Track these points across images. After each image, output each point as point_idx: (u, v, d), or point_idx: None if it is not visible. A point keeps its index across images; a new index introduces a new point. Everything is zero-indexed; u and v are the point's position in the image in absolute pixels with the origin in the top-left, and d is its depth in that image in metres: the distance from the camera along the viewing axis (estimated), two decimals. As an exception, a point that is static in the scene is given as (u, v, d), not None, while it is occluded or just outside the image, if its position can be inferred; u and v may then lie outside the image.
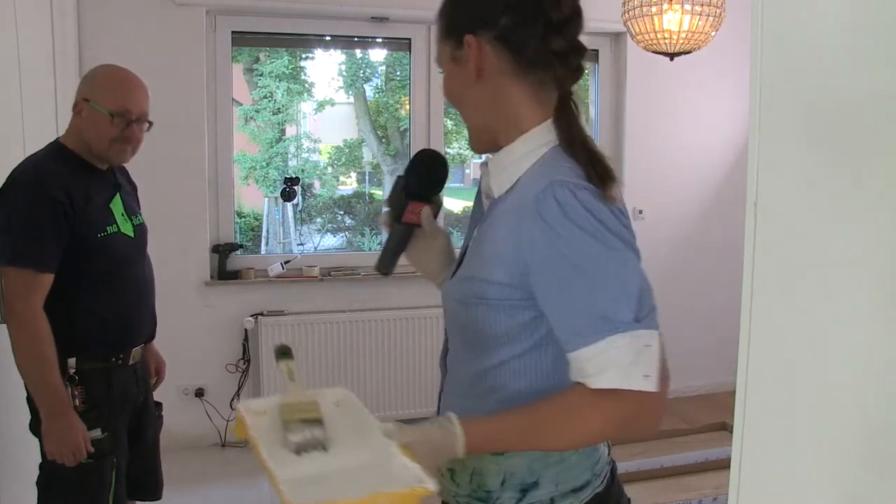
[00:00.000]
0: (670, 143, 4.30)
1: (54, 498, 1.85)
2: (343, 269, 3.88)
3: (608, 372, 0.90)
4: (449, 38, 1.06)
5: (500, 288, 0.99)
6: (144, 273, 2.03)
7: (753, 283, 0.75)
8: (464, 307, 1.04)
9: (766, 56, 0.73)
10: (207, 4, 3.56)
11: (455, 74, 1.06)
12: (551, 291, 0.95)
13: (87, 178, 1.87)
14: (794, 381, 0.72)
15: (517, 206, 0.98)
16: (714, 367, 4.42)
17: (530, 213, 0.94)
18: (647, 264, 1.00)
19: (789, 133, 0.72)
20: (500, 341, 1.02)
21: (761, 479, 0.75)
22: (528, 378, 1.02)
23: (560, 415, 0.96)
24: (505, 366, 1.02)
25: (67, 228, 1.77)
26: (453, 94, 1.09)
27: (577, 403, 0.94)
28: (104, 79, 1.90)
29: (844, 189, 0.67)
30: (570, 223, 0.92)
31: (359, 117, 4.81)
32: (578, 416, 0.95)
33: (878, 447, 0.64)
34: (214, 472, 3.41)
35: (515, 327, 1.00)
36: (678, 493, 3.13)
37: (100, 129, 1.84)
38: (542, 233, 0.93)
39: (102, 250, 1.86)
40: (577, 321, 0.92)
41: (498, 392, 1.03)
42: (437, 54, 1.09)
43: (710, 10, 2.85)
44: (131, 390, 2.00)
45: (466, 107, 1.08)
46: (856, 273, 0.65)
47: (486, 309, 1.01)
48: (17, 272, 1.74)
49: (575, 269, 0.92)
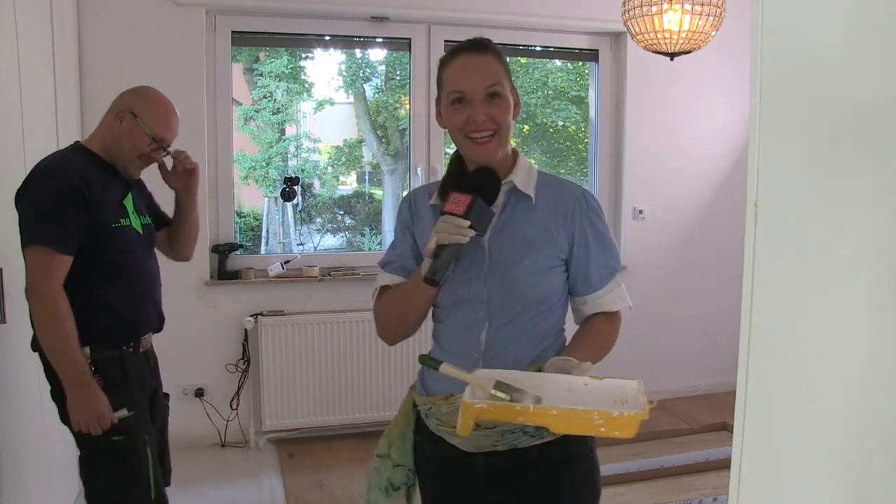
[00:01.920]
0: (670, 143, 4.30)
1: (102, 481, 1.94)
2: (343, 269, 3.88)
3: (621, 300, 1.49)
4: (509, 80, 1.43)
5: (559, 258, 1.44)
6: (152, 267, 2.16)
7: (753, 282, 0.75)
8: (537, 276, 1.42)
9: (766, 56, 0.73)
10: (207, 4, 3.56)
11: (510, 102, 1.42)
12: (586, 253, 1.45)
13: (104, 174, 2.00)
14: (795, 380, 0.72)
15: (563, 204, 1.45)
16: (714, 367, 4.42)
17: (579, 205, 1.45)
18: (647, 264, 1.01)
19: (789, 133, 0.72)
20: (555, 297, 1.46)
21: (761, 479, 0.75)
22: (556, 322, 1.48)
23: (604, 335, 1.47)
24: (550, 312, 1.46)
25: (86, 214, 1.89)
26: (506, 119, 1.41)
27: (608, 326, 1.48)
28: (154, 103, 2.05)
29: (844, 189, 0.67)
30: (599, 212, 1.48)
31: (358, 117, 4.81)
32: (613, 333, 1.49)
33: (878, 447, 0.64)
34: (214, 472, 3.41)
35: (561, 284, 1.46)
36: (678, 493, 3.13)
37: (137, 142, 2.00)
38: (587, 216, 1.45)
39: (116, 240, 1.98)
40: (600, 272, 1.46)
41: (545, 339, 1.45)
42: (501, 81, 1.41)
43: (710, 10, 2.85)
44: (145, 376, 2.11)
45: (506, 132, 1.42)
46: (856, 273, 0.65)
47: (552, 274, 1.44)
48: (37, 251, 1.84)
49: (600, 239, 1.46)
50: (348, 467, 3.45)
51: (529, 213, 1.44)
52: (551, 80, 4.91)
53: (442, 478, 1.50)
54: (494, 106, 1.38)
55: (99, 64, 3.36)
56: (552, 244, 1.43)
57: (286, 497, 3.16)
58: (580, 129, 4.90)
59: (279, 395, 3.67)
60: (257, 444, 3.72)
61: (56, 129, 2.76)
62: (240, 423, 3.72)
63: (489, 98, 1.38)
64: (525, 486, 1.43)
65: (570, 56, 4.44)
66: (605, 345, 1.46)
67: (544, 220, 1.44)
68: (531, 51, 4.29)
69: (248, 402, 3.73)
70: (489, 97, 1.38)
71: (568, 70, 4.87)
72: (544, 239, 1.43)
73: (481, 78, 1.38)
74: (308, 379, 3.71)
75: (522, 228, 1.43)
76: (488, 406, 1.18)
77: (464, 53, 1.41)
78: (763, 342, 0.75)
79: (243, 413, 3.72)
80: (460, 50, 1.42)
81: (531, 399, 1.20)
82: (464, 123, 1.38)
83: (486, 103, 1.38)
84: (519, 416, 1.17)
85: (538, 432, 1.39)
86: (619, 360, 4.12)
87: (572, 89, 4.88)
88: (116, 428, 1.91)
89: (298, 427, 3.74)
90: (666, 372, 4.43)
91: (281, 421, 3.70)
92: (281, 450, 3.67)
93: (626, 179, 4.28)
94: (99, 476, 1.94)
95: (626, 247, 4.29)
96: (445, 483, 1.50)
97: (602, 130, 4.32)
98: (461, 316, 1.45)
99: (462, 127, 1.39)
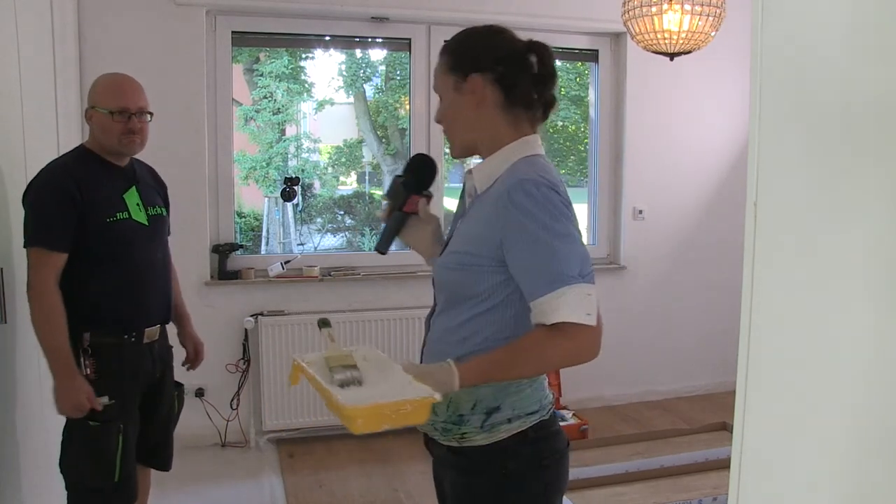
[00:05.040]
0: (670, 143, 4.30)
1: (71, 452, 2.09)
2: (343, 269, 3.88)
3: (561, 310, 1.25)
4: (453, 73, 1.41)
5: (481, 257, 1.34)
6: (157, 258, 2.23)
7: (753, 282, 0.75)
8: (452, 272, 1.39)
9: (766, 56, 0.73)
10: (207, 4, 3.56)
11: (454, 101, 1.42)
12: (519, 256, 1.30)
13: (101, 172, 2.12)
14: (794, 380, 0.72)
15: (495, 197, 1.33)
16: (714, 367, 4.42)
17: (504, 200, 1.30)
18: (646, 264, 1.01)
19: (789, 133, 0.72)
20: (478, 298, 1.37)
21: (761, 479, 0.75)
22: (494, 327, 1.36)
23: (527, 349, 1.30)
24: (479, 317, 1.37)
25: (75, 213, 2.01)
26: (447, 116, 1.44)
27: (539, 339, 1.29)
28: (101, 86, 2.15)
29: (844, 189, 0.67)
30: (531, 209, 1.28)
31: (359, 117, 4.81)
32: (540, 349, 1.29)
33: (878, 447, 0.64)
34: (214, 472, 3.41)
35: (489, 287, 1.35)
36: (678, 493, 3.13)
37: (107, 128, 2.10)
38: (513, 214, 1.29)
39: (111, 234, 2.08)
40: (538, 277, 1.27)
41: (472, 338, 1.37)
42: (438, 83, 1.44)
43: (710, 10, 2.85)
44: (145, 367, 2.19)
45: (457, 126, 1.44)
46: (855, 272, 0.65)
47: (469, 273, 1.36)
48: (33, 252, 2.00)
49: (536, 240, 1.27)
50: (348, 467, 3.45)
51: (476, 206, 1.42)
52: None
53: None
54: (441, 107, 1.47)
55: (99, 64, 3.35)
56: (476, 241, 1.35)
57: (286, 497, 3.16)
58: (580, 129, 4.90)
59: (279, 395, 3.68)
60: (257, 444, 3.72)
61: (56, 130, 2.76)
62: (240, 422, 3.72)
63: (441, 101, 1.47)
64: (448, 481, 1.47)
65: (569, 56, 4.44)
66: (527, 361, 1.31)
67: (478, 216, 1.38)
68: (531, 51, 4.28)
69: (248, 402, 3.73)
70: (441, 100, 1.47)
71: (568, 70, 4.86)
72: (468, 234, 1.39)
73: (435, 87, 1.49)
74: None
75: (464, 221, 1.44)
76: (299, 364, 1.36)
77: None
78: (763, 342, 0.75)
79: (243, 413, 3.72)
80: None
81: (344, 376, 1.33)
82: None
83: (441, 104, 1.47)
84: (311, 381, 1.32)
85: (446, 434, 1.41)
86: (620, 360, 4.14)
87: (572, 89, 4.88)
88: (95, 413, 2.03)
89: (298, 427, 3.74)
90: (666, 372, 4.43)
91: (281, 421, 3.70)
92: (281, 450, 3.67)
93: (626, 179, 4.28)
94: (70, 449, 2.09)
95: (626, 247, 4.29)
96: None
97: (602, 130, 4.32)
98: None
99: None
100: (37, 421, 2.26)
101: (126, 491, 2.12)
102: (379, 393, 1.26)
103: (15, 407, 2.13)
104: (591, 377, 3.96)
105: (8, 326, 2.06)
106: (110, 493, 2.09)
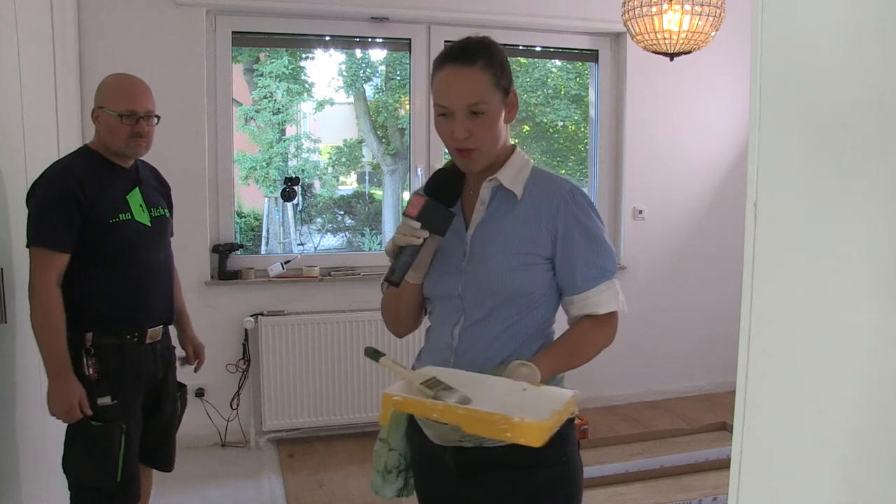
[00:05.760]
0: (670, 143, 4.30)
1: (74, 453, 2.09)
2: (343, 269, 3.88)
3: (611, 302, 1.45)
4: (499, 88, 1.41)
5: (537, 256, 1.43)
6: (160, 259, 2.23)
7: (753, 282, 0.75)
8: (516, 273, 1.42)
9: (766, 56, 0.73)
10: (207, 4, 3.56)
11: (496, 115, 1.41)
12: (571, 250, 1.42)
13: (105, 173, 2.12)
14: (794, 380, 0.72)
15: (548, 200, 1.43)
16: (714, 367, 4.42)
17: (566, 198, 1.43)
18: (646, 264, 1.02)
19: (789, 133, 0.72)
20: (535, 295, 1.44)
21: (761, 479, 0.75)
22: (537, 323, 1.45)
23: (584, 340, 1.44)
24: (531, 311, 1.44)
25: (78, 214, 2.01)
26: (492, 130, 1.41)
27: (592, 329, 1.45)
28: (111, 87, 2.14)
29: (844, 189, 0.67)
30: (587, 209, 1.44)
31: (359, 117, 4.81)
32: (594, 338, 1.45)
33: (878, 447, 0.64)
34: (214, 472, 3.41)
35: (543, 283, 1.44)
36: (678, 493, 3.13)
37: (113, 129, 2.10)
38: (574, 212, 1.42)
39: (113, 234, 2.08)
40: (590, 269, 1.43)
41: (521, 332, 1.43)
42: (486, 98, 1.38)
43: (710, 10, 2.85)
44: (147, 367, 2.19)
45: (494, 140, 1.43)
46: (855, 273, 0.65)
47: (531, 272, 1.43)
48: (35, 251, 2.00)
49: (595, 237, 1.44)
50: (348, 467, 3.45)
51: (512, 209, 1.44)
52: (551, 80, 4.91)
53: (422, 466, 1.53)
54: (476, 124, 1.38)
55: (99, 64, 3.35)
56: (531, 241, 1.42)
57: (286, 497, 3.16)
58: (580, 128, 4.90)
59: (279, 395, 3.68)
60: (257, 443, 3.72)
61: (57, 130, 2.76)
62: (240, 422, 3.72)
63: (472, 115, 1.38)
64: (493, 485, 1.44)
65: (570, 56, 4.44)
66: (585, 350, 1.44)
67: (526, 217, 1.43)
68: (531, 51, 4.29)
69: (248, 401, 3.73)
70: (472, 114, 1.38)
71: (568, 70, 4.87)
72: (523, 235, 1.43)
73: (463, 95, 1.37)
74: (308, 379, 3.71)
75: (503, 224, 1.44)
76: (404, 399, 1.24)
77: (450, 64, 1.40)
78: (763, 342, 0.75)
79: (243, 413, 3.73)
80: (448, 58, 1.41)
81: (455, 398, 1.22)
82: (448, 136, 1.42)
83: (469, 119, 1.38)
84: (432, 411, 1.22)
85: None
86: (620, 360, 4.14)
87: (572, 89, 4.88)
88: (97, 414, 2.03)
89: (298, 427, 3.74)
90: (666, 372, 4.43)
91: (281, 421, 3.70)
92: (281, 450, 3.67)
93: (626, 179, 4.28)
94: (73, 449, 2.09)
95: (626, 247, 4.29)
96: (424, 472, 1.53)
97: (602, 130, 4.32)
98: (440, 310, 1.50)
99: (447, 140, 1.43)
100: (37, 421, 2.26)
101: (129, 491, 2.12)
102: (496, 404, 1.21)
103: (15, 407, 2.13)
104: (592, 377, 3.95)
105: (8, 326, 2.06)
106: (113, 493, 2.09)
